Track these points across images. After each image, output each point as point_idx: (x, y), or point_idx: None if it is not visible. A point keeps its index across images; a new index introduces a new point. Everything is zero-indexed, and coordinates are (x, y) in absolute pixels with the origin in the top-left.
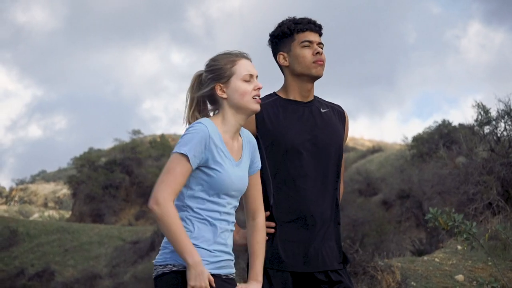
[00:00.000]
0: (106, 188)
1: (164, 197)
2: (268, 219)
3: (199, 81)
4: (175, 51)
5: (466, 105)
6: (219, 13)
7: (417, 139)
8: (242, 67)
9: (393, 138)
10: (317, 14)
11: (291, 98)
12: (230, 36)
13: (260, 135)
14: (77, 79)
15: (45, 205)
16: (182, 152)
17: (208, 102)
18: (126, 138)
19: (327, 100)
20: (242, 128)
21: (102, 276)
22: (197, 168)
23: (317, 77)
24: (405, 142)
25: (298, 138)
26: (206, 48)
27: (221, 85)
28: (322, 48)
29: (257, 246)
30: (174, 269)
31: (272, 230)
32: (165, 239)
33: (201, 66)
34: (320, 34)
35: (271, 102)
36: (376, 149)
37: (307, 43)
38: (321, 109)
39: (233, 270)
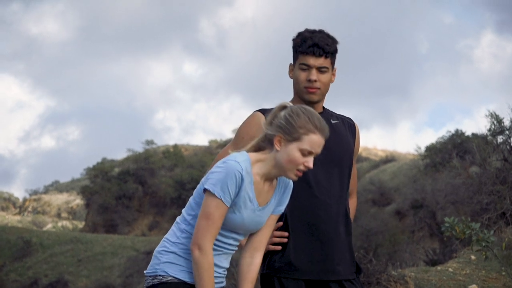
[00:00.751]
0: (120, 198)
1: (207, 245)
2: (281, 229)
3: (273, 118)
4: (188, 62)
5: (479, 115)
6: (232, 24)
7: (430, 149)
8: (309, 141)
9: (406, 148)
10: (330, 24)
11: None
12: (243, 47)
13: None
14: (90, 90)
15: (59, 215)
16: (217, 195)
17: (265, 139)
18: (139, 148)
19: (338, 112)
20: (283, 178)
21: (116, 287)
22: None
23: (310, 102)
24: (418, 152)
25: None
26: (219, 58)
27: (283, 138)
28: (325, 71)
29: (247, 284)
30: (163, 280)
31: (285, 240)
32: (158, 249)
33: (213, 77)
34: (327, 56)
35: None
36: (389, 159)
37: (305, 67)
38: (332, 121)
39: (222, 284)
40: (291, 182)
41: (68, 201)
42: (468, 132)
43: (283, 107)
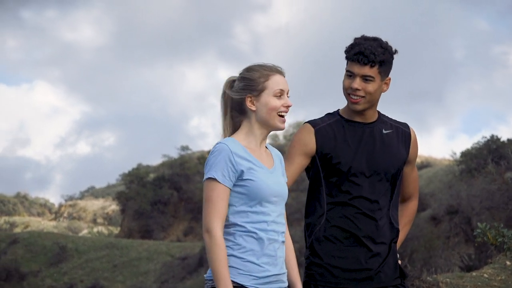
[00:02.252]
0: (155, 204)
1: (213, 227)
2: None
3: (229, 88)
4: (222, 68)
5: None
6: (267, 30)
7: (466, 155)
8: (275, 82)
9: (441, 154)
10: (365, 31)
11: (352, 119)
12: (278, 53)
13: (318, 156)
14: (125, 96)
15: (94, 221)
16: (210, 176)
17: (236, 111)
18: (175, 154)
19: (393, 118)
20: (269, 145)
21: None
22: (234, 184)
23: (355, 111)
24: (454, 158)
25: (354, 161)
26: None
27: (252, 97)
28: (371, 80)
29: (291, 259)
30: None
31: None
32: None
33: None
34: (372, 66)
35: (332, 123)
36: (424, 165)
37: (350, 74)
38: (383, 130)
39: (285, 284)
40: (280, 154)
41: (104, 206)
42: (504, 137)
43: (232, 79)
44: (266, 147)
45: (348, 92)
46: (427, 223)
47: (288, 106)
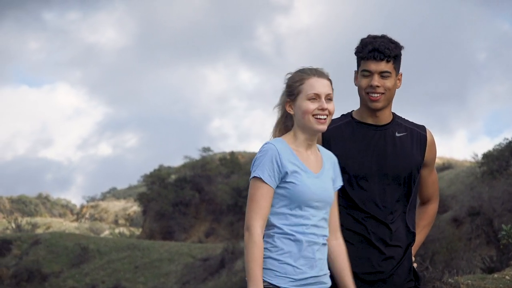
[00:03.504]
0: (176, 205)
1: (253, 224)
2: None
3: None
4: (243, 70)
5: None
6: (289, 31)
7: (487, 156)
8: (309, 86)
9: (462, 156)
10: (387, 32)
11: (362, 120)
12: (300, 55)
13: None
14: (146, 97)
15: (116, 222)
16: (256, 175)
17: (285, 118)
18: (196, 155)
19: (410, 120)
20: (322, 147)
21: None
22: (277, 185)
23: (375, 110)
24: (475, 159)
25: (363, 165)
26: (276, 66)
27: (290, 101)
28: (388, 76)
29: (345, 263)
30: (265, 285)
31: None
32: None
33: (270, 85)
34: (388, 61)
35: (343, 125)
36: (446, 166)
37: (366, 73)
38: (396, 133)
39: (326, 285)
40: (334, 156)
41: (125, 207)
42: None
43: None
44: (318, 149)
45: (367, 91)
46: (448, 225)
47: (323, 109)
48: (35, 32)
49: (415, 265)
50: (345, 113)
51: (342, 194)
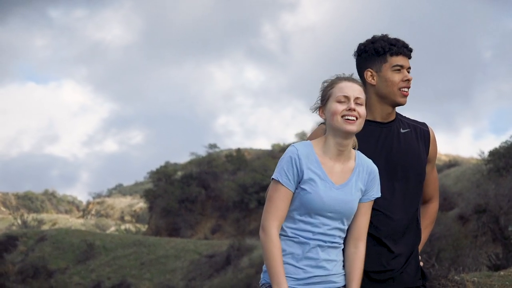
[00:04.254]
0: (182, 202)
1: (268, 225)
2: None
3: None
4: (249, 67)
5: None
6: (295, 29)
7: (494, 154)
8: (339, 89)
9: (468, 154)
10: (392, 30)
11: (371, 118)
12: (306, 52)
13: None
14: (152, 94)
15: (122, 218)
16: (275, 178)
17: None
18: (202, 152)
19: (411, 118)
20: (363, 157)
21: None
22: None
23: (400, 105)
24: (482, 157)
25: (372, 160)
26: (281, 64)
27: (322, 107)
28: (410, 72)
29: (356, 272)
30: (267, 287)
31: None
32: None
33: (275, 82)
34: (410, 57)
35: None
36: (452, 164)
37: (398, 68)
38: (401, 130)
39: (333, 285)
40: (374, 167)
41: (131, 204)
42: None
43: None
44: (355, 158)
45: (401, 86)
46: (454, 222)
47: (351, 109)
48: (42, 30)
49: (421, 263)
50: None
51: None
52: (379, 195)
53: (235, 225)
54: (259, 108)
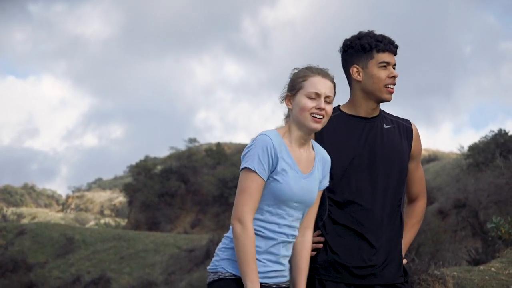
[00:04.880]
0: (162, 196)
1: (246, 218)
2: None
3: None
4: (229, 62)
5: None
6: (275, 23)
7: (473, 148)
8: (311, 84)
9: (448, 148)
10: (373, 25)
11: (355, 113)
12: (286, 47)
13: None
14: (132, 89)
15: (101, 212)
16: (250, 167)
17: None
18: (182, 146)
19: (394, 114)
20: (317, 145)
21: (158, 284)
22: None
23: (385, 101)
24: (461, 152)
25: (355, 157)
26: (261, 59)
27: (290, 96)
28: (395, 69)
29: (303, 263)
30: (222, 276)
31: (321, 246)
32: (219, 246)
33: (255, 77)
34: (396, 54)
35: (332, 118)
36: (432, 158)
37: (384, 64)
38: (384, 125)
39: (285, 279)
40: (328, 156)
41: (111, 198)
42: None
43: None
44: (313, 147)
45: (387, 82)
46: (434, 217)
47: (320, 109)
48: (21, 24)
49: (404, 261)
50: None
51: (333, 186)
52: (328, 184)
53: (214, 220)
54: (239, 103)
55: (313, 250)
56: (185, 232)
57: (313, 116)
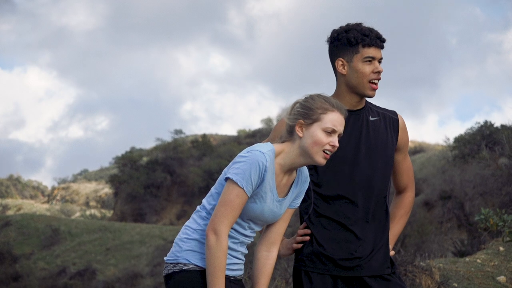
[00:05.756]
0: (148, 187)
1: (222, 230)
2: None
3: (292, 109)
4: (215, 53)
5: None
6: (261, 14)
7: (459, 140)
8: (330, 119)
9: (434, 139)
10: (358, 16)
11: None
12: (271, 38)
13: None
14: (117, 80)
15: (87, 204)
16: (241, 186)
17: (286, 131)
18: (168, 138)
19: (381, 106)
20: (303, 169)
21: (143, 275)
22: None
23: (368, 97)
24: (447, 143)
25: (341, 148)
26: (247, 50)
27: (303, 123)
28: (381, 63)
29: (266, 277)
30: (185, 268)
31: (307, 238)
32: (180, 236)
33: (240, 69)
34: (383, 48)
35: None
36: (418, 150)
37: (369, 59)
38: (370, 118)
39: (241, 272)
40: (308, 177)
41: (97, 189)
42: (497, 123)
43: (296, 102)
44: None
45: (371, 78)
46: (420, 208)
47: (333, 146)
48: (5, 15)
49: (392, 253)
50: None
51: (318, 180)
52: (298, 204)
53: None
54: (225, 94)
55: (299, 242)
56: (171, 224)
57: (324, 152)
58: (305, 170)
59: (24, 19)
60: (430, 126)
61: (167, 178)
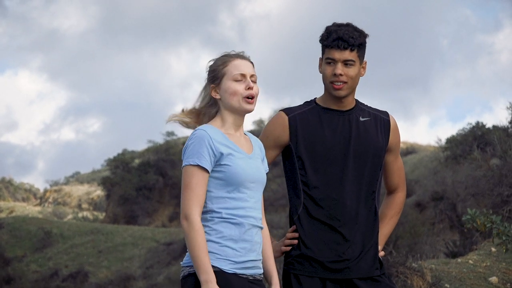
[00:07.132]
0: (140, 189)
1: (191, 213)
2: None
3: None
4: (206, 55)
5: (498, 108)
6: (252, 16)
7: (451, 141)
8: (233, 67)
9: (426, 140)
10: (350, 17)
11: (329, 106)
12: (263, 40)
13: (293, 145)
14: (109, 82)
15: (79, 206)
16: (191, 163)
17: (209, 105)
18: (160, 140)
19: (373, 106)
20: (248, 132)
21: (136, 278)
22: (212, 169)
23: (338, 97)
24: (439, 144)
25: (330, 150)
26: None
27: (215, 86)
28: (352, 65)
29: (268, 251)
30: None
31: (296, 242)
32: None
33: None
34: (352, 50)
35: (307, 111)
36: (409, 151)
37: (330, 61)
38: (361, 118)
39: (261, 271)
40: (259, 140)
41: (89, 192)
42: (489, 124)
43: None
44: (245, 134)
45: (331, 80)
46: (412, 209)
47: (250, 88)
48: None
49: (382, 253)
50: (308, 100)
51: (307, 180)
52: (268, 169)
53: None
54: None
55: (288, 245)
56: (163, 226)
57: (245, 99)
58: (253, 136)
59: (15, 22)
60: (421, 127)
61: (159, 180)
